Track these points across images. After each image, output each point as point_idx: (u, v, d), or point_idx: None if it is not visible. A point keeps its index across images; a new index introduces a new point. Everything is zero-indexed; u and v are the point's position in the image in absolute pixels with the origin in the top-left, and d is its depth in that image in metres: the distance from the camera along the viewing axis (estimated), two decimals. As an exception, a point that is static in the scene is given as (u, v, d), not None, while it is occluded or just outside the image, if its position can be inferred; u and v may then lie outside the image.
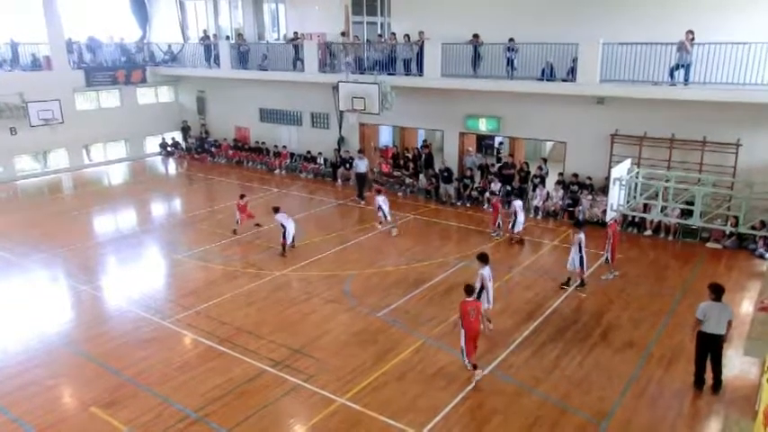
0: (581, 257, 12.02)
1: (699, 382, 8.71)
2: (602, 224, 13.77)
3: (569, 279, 12.29)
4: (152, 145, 27.70)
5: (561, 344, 10.05)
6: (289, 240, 14.35)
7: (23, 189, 22.17)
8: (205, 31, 26.00)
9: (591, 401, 8.42)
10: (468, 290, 9.05)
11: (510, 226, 15.16)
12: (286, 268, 13.49)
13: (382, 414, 8.14)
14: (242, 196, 16.46)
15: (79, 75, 24.32)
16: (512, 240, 15.20)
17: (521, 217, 15.03)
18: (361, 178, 19.42)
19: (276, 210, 14.55)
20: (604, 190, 14.71)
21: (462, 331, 8.85)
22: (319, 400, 8.54)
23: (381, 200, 15.69)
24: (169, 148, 27.43)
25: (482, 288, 10.09)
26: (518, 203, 15.19)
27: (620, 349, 9.88)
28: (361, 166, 19.54)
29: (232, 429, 7.90)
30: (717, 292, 8.41)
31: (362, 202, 19.02)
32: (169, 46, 26.71)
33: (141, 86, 26.66)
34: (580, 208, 16.48)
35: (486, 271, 10.15)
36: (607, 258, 12.71)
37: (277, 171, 23.72)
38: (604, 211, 13.20)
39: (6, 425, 8.10)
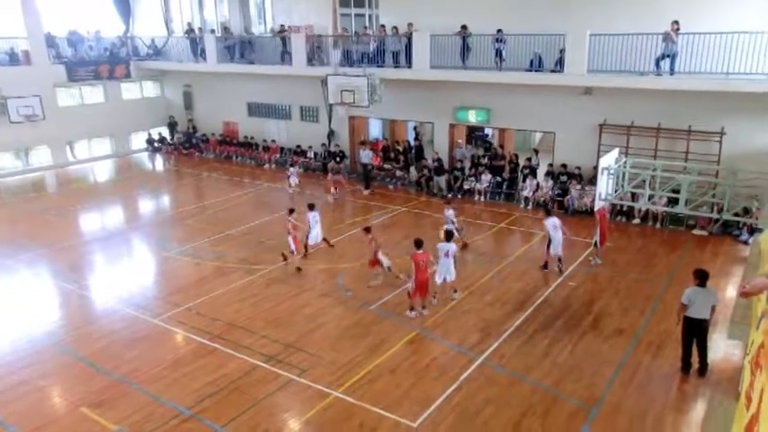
0: (548, 241, 12.40)
1: (686, 366, 8.87)
2: (592, 213, 13.90)
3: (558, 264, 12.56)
4: (138, 141, 27.34)
5: (552, 332, 10.15)
6: (311, 242, 13.64)
7: (6, 187, 21.73)
8: (190, 24, 25.69)
9: (581, 388, 8.54)
10: (418, 242, 10.51)
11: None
12: (278, 263, 13.44)
13: (376, 406, 8.18)
14: (291, 211, 13.69)
15: (60, 70, 23.84)
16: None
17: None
18: (367, 169, 19.59)
19: (311, 207, 13.74)
20: (593, 180, 14.82)
21: (412, 279, 10.36)
22: (313, 393, 8.55)
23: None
24: (156, 144, 27.13)
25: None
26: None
27: (609, 336, 10.01)
28: (365, 156, 19.85)
29: (226, 425, 7.89)
30: (701, 277, 8.57)
31: (367, 192, 19.18)
32: (152, 40, 26.35)
33: (125, 81, 26.26)
34: (569, 198, 16.60)
35: (442, 245, 10.98)
36: (596, 242, 12.87)
37: (267, 165, 23.58)
38: (593, 201, 13.32)
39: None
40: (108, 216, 18.59)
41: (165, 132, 27.60)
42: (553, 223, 12.43)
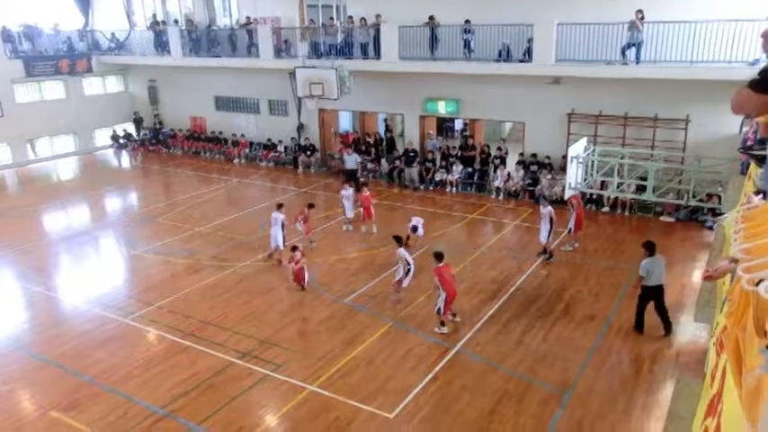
0: (549, 230, 12.43)
1: (640, 325, 9.73)
2: (563, 202, 14.10)
3: (545, 250, 12.68)
4: (103, 138, 26.55)
5: (525, 320, 10.29)
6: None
7: (-37, 188, 20.95)
8: (155, 16, 24.99)
9: (554, 374, 8.69)
10: (438, 255, 9.79)
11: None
12: (250, 259, 13.26)
13: (353, 398, 8.16)
14: (311, 206, 14.03)
15: (17, 65, 22.81)
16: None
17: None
18: (352, 175, 18.07)
19: (279, 206, 13.17)
20: (564, 168, 15.03)
21: (443, 294, 9.51)
22: (289, 388, 8.49)
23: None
24: (121, 141, 26.39)
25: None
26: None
27: (581, 322, 10.21)
28: (350, 161, 18.55)
29: (201, 423, 7.77)
30: (651, 248, 9.44)
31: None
32: (113, 34, 25.56)
33: (87, 76, 25.41)
34: (540, 187, 16.83)
35: (402, 252, 10.93)
36: (570, 229, 13.10)
37: (236, 160, 23.21)
38: (564, 189, 13.52)
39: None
40: (73, 215, 18.04)
41: (131, 128, 26.87)
42: (550, 212, 12.49)
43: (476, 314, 10.50)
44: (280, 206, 13.18)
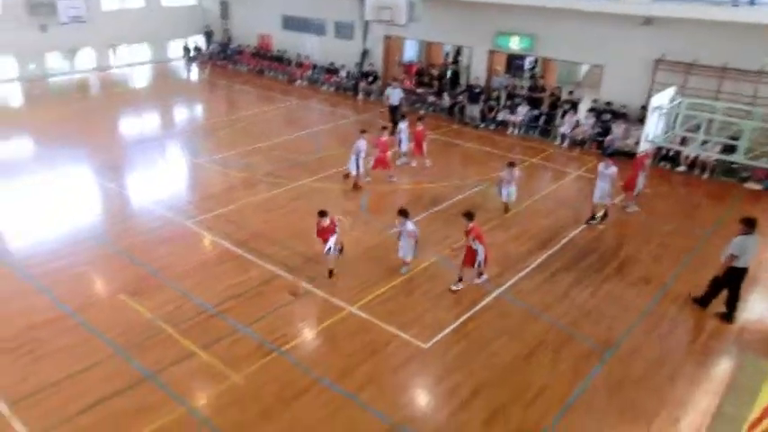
0: (606, 191, 11.57)
1: (705, 302, 8.84)
2: (633, 155, 13.24)
3: (594, 215, 11.89)
4: (175, 49, 27.17)
5: (575, 273, 9.98)
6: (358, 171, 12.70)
7: (54, 87, 22.38)
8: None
9: (599, 331, 8.45)
10: (469, 215, 9.08)
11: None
12: (304, 179, 13.43)
13: (389, 324, 8.31)
14: (384, 128, 13.49)
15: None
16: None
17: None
18: (394, 110, 17.31)
19: (362, 132, 12.88)
20: (641, 120, 14.00)
21: (481, 247, 9.01)
22: (329, 306, 8.74)
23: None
24: (192, 53, 26.83)
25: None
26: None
27: (634, 283, 9.77)
28: (395, 96, 17.28)
29: (248, 325, 8.18)
30: (751, 224, 8.29)
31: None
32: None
33: (164, -14, 25.73)
34: (611, 137, 15.86)
35: (409, 225, 9.46)
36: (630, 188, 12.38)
37: (298, 82, 23.11)
38: (637, 143, 12.62)
39: (49, 304, 8.58)
40: (145, 121, 18.84)
41: (201, 42, 27.19)
42: (613, 173, 11.42)
43: (522, 261, 10.27)
44: (363, 132, 12.94)
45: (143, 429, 6.37)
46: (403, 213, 9.42)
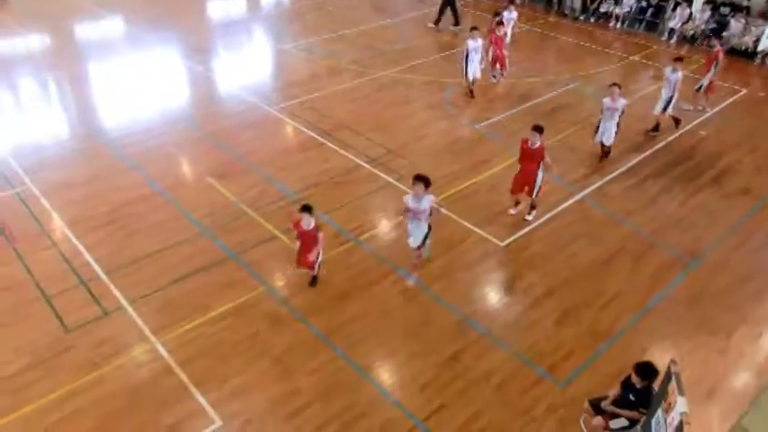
0: (669, 100, 10.54)
1: None
2: (751, 55, 11.78)
3: (658, 125, 10.92)
4: None
5: (665, 180, 9.49)
6: (470, 76, 11.73)
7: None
8: None
9: (685, 240, 8.17)
10: (538, 128, 7.89)
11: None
12: (389, 69, 13.15)
13: (468, 221, 8.40)
14: (496, 14, 12.58)
15: None
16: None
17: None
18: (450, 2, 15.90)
19: (473, 29, 11.75)
20: (764, 15, 12.26)
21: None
22: (409, 198, 8.91)
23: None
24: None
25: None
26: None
27: (731, 195, 9.20)
28: None
29: (326, 213, 8.53)
30: None
31: (453, 27, 16.13)
32: None
33: None
34: (727, 34, 14.07)
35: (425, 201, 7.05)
36: (700, 87, 11.35)
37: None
38: (757, 41, 11.17)
39: (142, 181, 9.26)
40: (231, 3, 18.76)
41: None
42: (677, 79, 10.29)
43: (610, 165, 9.84)
44: (473, 29, 11.69)
45: (227, 303, 6.86)
46: (422, 180, 6.70)
